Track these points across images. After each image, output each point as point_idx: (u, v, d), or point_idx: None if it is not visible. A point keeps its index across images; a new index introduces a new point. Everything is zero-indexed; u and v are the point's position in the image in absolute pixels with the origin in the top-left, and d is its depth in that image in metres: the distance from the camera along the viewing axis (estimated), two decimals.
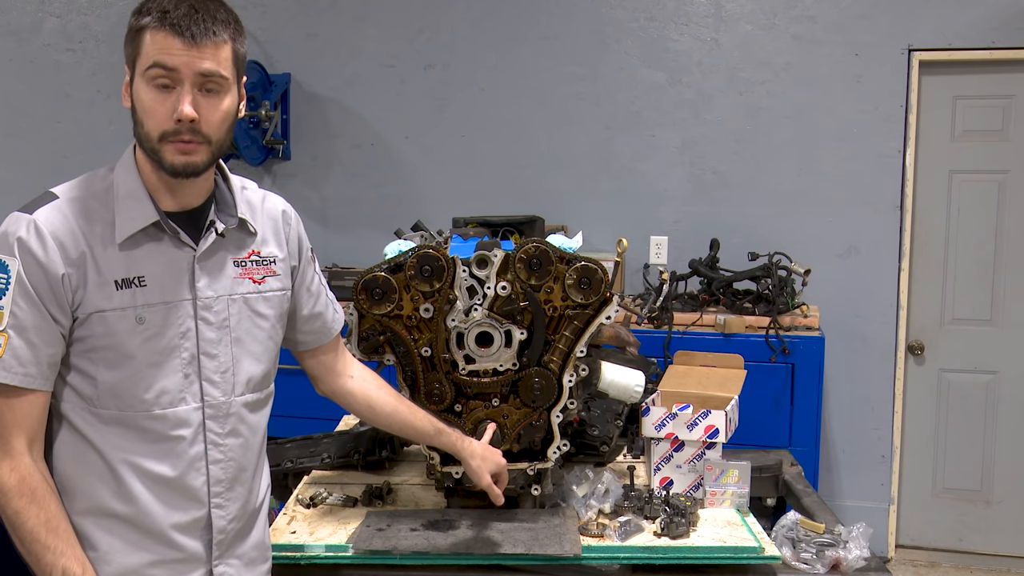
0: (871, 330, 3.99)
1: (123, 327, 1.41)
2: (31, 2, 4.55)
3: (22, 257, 1.36)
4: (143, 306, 1.42)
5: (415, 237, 2.22)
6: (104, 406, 1.42)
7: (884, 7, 3.89)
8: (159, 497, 1.46)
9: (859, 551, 1.90)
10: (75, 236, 1.39)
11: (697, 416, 2.12)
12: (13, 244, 1.36)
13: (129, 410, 1.43)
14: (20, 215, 1.39)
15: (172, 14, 1.38)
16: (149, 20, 1.40)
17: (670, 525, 1.91)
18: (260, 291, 1.55)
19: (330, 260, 4.25)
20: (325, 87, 4.39)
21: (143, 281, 1.42)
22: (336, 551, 1.86)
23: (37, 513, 1.37)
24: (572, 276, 1.89)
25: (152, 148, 1.40)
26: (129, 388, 1.42)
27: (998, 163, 3.91)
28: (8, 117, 4.61)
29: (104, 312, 1.40)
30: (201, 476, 1.49)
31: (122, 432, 1.43)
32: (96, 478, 1.44)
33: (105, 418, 1.43)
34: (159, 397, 1.44)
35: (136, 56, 1.42)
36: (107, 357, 1.41)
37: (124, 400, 1.42)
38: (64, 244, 1.38)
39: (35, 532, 1.36)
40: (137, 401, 1.43)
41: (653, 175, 4.15)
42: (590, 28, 4.15)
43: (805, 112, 4.00)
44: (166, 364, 1.44)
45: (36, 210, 1.39)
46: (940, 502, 4.07)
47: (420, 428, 1.82)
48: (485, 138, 4.28)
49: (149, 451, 1.45)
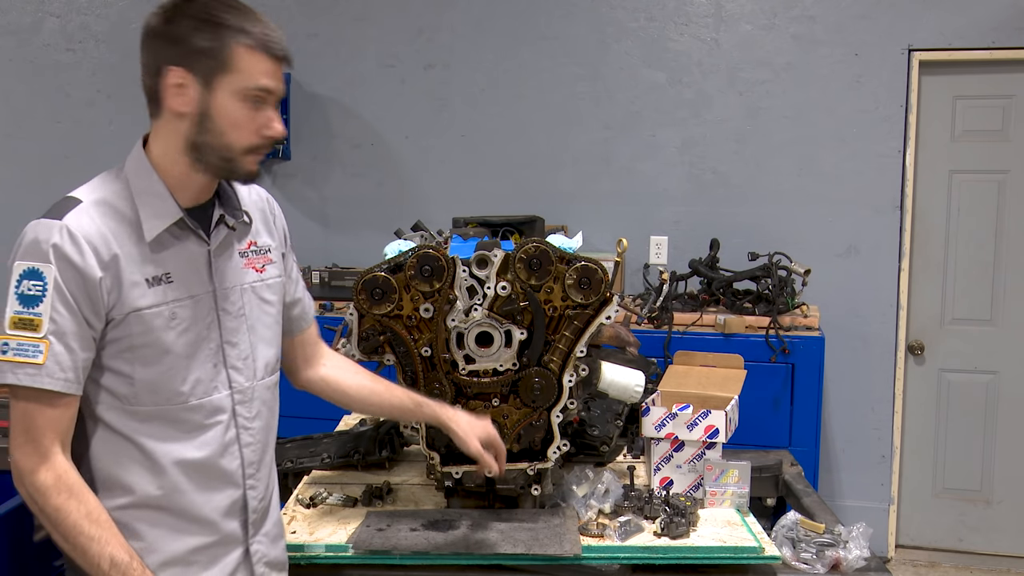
0: (871, 330, 3.99)
1: (159, 324, 1.44)
2: (31, 2, 4.55)
3: (58, 263, 1.37)
4: (173, 301, 1.46)
5: (415, 237, 2.22)
6: (141, 403, 1.45)
7: (884, 7, 3.89)
8: (199, 484, 1.51)
9: (859, 551, 1.90)
10: (105, 239, 1.40)
11: (697, 416, 2.12)
12: (48, 251, 1.37)
13: (167, 404, 1.47)
14: (50, 222, 1.39)
15: (273, 39, 1.44)
16: (245, 39, 1.42)
17: (670, 525, 1.91)
18: (263, 279, 1.61)
19: (330, 260, 4.25)
20: (325, 87, 4.39)
21: (170, 277, 1.46)
22: (336, 551, 1.86)
23: (77, 507, 1.38)
24: (572, 276, 1.89)
25: (229, 157, 1.45)
26: (167, 382, 1.46)
27: (998, 163, 3.92)
28: (8, 117, 4.61)
29: (141, 311, 1.43)
30: (236, 460, 1.55)
31: (160, 425, 1.47)
32: (138, 472, 1.46)
33: (142, 415, 1.46)
34: (194, 388, 1.49)
35: (224, 70, 1.42)
36: (145, 355, 1.44)
37: (162, 395, 1.46)
38: (97, 247, 1.39)
39: (78, 525, 1.38)
40: (174, 394, 1.47)
41: (653, 175, 4.15)
42: (590, 28, 4.15)
43: (805, 112, 4.00)
44: (197, 355, 1.49)
45: (65, 215, 1.39)
46: (940, 502, 4.08)
47: (400, 405, 1.83)
48: (485, 138, 4.28)
49: (187, 440, 1.49)
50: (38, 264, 1.37)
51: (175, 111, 1.44)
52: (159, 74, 1.43)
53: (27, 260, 1.37)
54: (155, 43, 1.43)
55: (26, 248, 1.38)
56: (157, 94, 1.45)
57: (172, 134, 1.46)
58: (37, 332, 1.36)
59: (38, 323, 1.36)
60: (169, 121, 1.45)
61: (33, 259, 1.37)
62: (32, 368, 1.36)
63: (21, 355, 1.36)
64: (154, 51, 1.43)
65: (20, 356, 1.36)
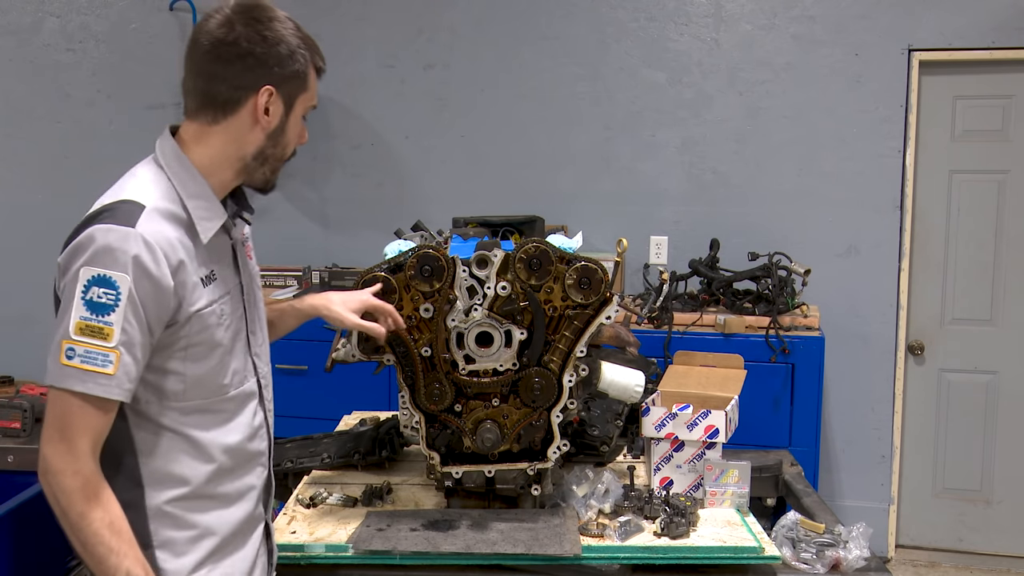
0: (871, 330, 3.99)
1: (213, 321, 1.49)
2: (31, 2, 4.55)
3: (135, 274, 1.37)
4: (220, 299, 1.52)
5: (415, 237, 2.22)
6: (188, 398, 1.49)
7: (884, 7, 3.89)
8: (240, 466, 1.58)
9: (859, 551, 1.90)
10: (173, 245, 1.42)
11: (697, 416, 2.12)
12: (127, 262, 1.36)
13: (211, 396, 1.52)
14: (123, 229, 1.38)
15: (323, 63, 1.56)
16: (318, 62, 1.54)
17: (670, 525, 1.91)
18: (256, 267, 1.71)
19: (330, 260, 4.25)
20: (325, 87, 4.34)
21: (215, 275, 1.51)
22: (336, 551, 1.86)
23: (101, 516, 1.38)
24: (572, 276, 1.89)
25: (278, 168, 1.56)
26: (214, 377, 1.52)
27: (998, 163, 3.92)
28: (8, 117, 4.60)
29: (201, 312, 1.47)
30: (264, 442, 1.64)
31: (203, 417, 1.51)
32: (189, 463, 1.50)
33: (187, 408, 1.49)
34: (233, 378, 1.55)
35: (302, 91, 1.54)
36: (198, 352, 1.48)
37: (208, 388, 1.51)
38: (168, 255, 1.41)
39: (99, 534, 1.37)
40: (218, 387, 1.53)
41: (653, 175, 4.15)
42: (590, 28, 4.15)
43: (805, 112, 4.00)
44: (234, 348, 1.55)
45: (136, 222, 1.39)
46: (940, 502, 4.08)
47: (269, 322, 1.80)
48: (485, 138, 4.28)
49: (228, 428, 1.55)
50: (111, 272, 1.36)
51: (256, 125, 1.49)
52: (248, 89, 1.47)
53: (98, 267, 1.36)
54: (250, 60, 1.46)
55: (97, 254, 1.36)
56: (235, 106, 1.48)
57: (234, 143, 1.50)
58: (107, 341, 1.36)
59: (108, 332, 1.36)
60: (236, 131, 1.49)
61: (105, 267, 1.36)
62: (103, 378, 1.36)
63: (89, 363, 1.36)
64: (248, 68, 1.46)
65: (88, 364, 1.35)
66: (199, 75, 1.48)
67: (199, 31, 1.50)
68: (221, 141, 1.50)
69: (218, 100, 1.48)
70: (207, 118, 1.49)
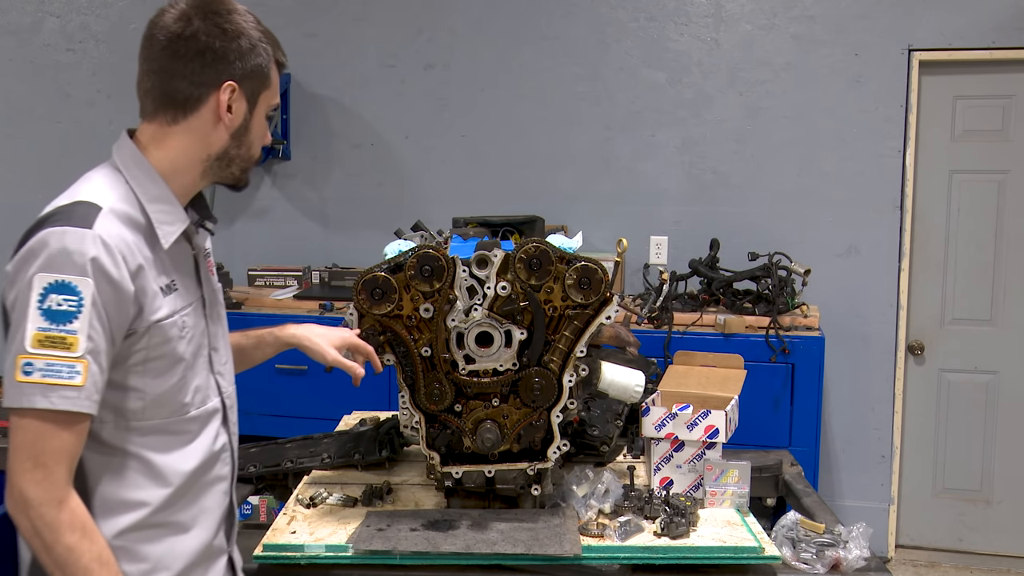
0: (871, 330, 3.99)
1: (174, 333, 1.40)
2: (31, 2, 4.55)
3: (96, 278, 1.28)
4: (181, 310, 1.43)
5: (415, 237, 2.22)
6: (148, 417, 1.40)
7: (884, 7, 3.89)
8: (200, 493, 1.48)
9: (859, 551, 1.90)
10: (131, 248, 1.34)
11: (697, 416, 2.12)
12: (86, 264, 1.27)
13: (172, 416, 1.42)
14: (79, 230, 1.29)
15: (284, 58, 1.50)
16: (279, 56, 1.48)
17: (670, 525, 1.90)
18: (220, 285, 1.62)
19: (330, 260, 4.25)
20: (325, 87, 4.39)
21: (175, 285, 1.43)
22: (336, 551, 1.86)
23: (89, 548, 1.29)
24: (572, 276, 1.89)
25: (246, 168, 1.49)
26: (174, 394, 1.42)
27: (998, 163, 3.92)
28: (8, 117, 4.60)
29: (161, 322, 1.38)
30: (226, 466, 1.54)
31: (162, 438, 1.42)
32: (145, 488, 1.40)
33: (145, 428, 1.40)
34: (194, 397, 1.46)
35: (264, 88, 1.47)
36: (158, 367, 1.39)
37: (168, 407, 1.42)
38: (127, 259, 1.33)
39: (88, 568, 1.29)
40: (179, 405, 1.43)
41: (653, 175, 4.15)
42: (590, 28, 4.15)
43: (805, 112, 4.00)
44: (196, 364, 1.46)
45: (94, 223, 1.30)
46: (940, 502, 4.08)
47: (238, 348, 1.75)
48: (485, 138, 4.28)
49: (189, 451, 1.45)
50: (70, 278, 1.27)
51: (219, 124, 1.42)
52: (210, 86, 1.40)
53: (54, 272, 1.27)
54: (209, 55, 1.39)
55: (52, 259, 1.27)
56: (196, 104, 1.41)
57: (197, 143, 1.43)
58: (72, 351, 1.26)
59: (72, 341, 1.26)
60: (198, 130, 1.42)
61: (63, 272, 1.27)
62: (71, 391, 1.26)
63: (52, 376, 1.25)
64: (208, 63, 1.39)
65: (51, 378, 1.25)
66: (156, 73, 1.40)
67: (154, 27, 1.41)
68: (182, 142, 1.42)
69: (177, 99, 1.40)
70: (166, 118, 1.42)
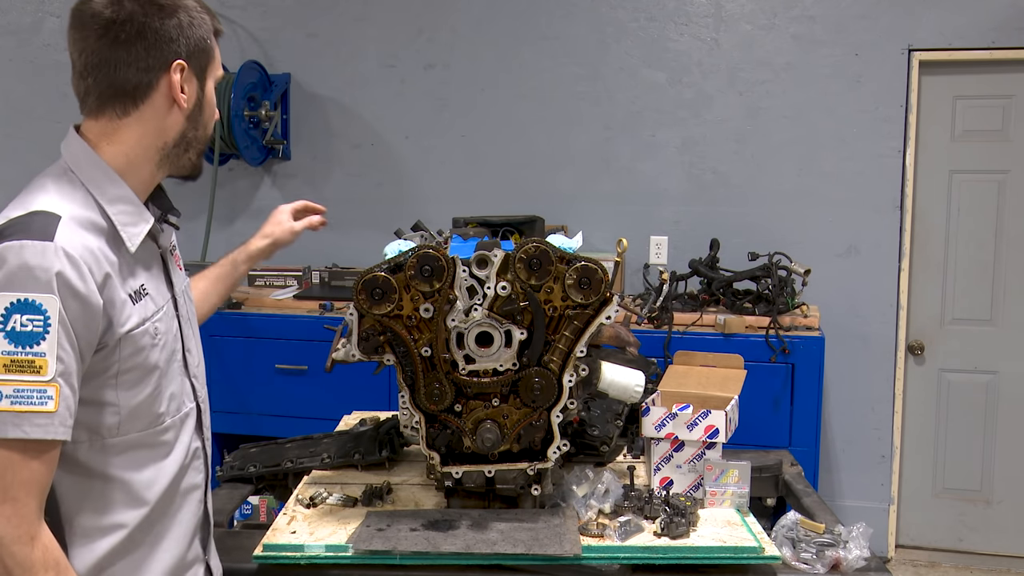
0: (871, 330, 3.99)
1: (146, 342, 1.33)
2: (31, 2, 4.55)
3: (62, 294, 1.20)
4: (152, 316, 1.35)
5: (415, 237, 2.21)
6: (124, 432, 1.33)
7: (884, 7, 3.89)
8: (175, 505, 1.42)
9: (859, 551, 1.90)
10: (97, 258, 1.26)
11: (697, 416, 2.12)
12: (52, 280, 1.19)
13: (146, 428, 1.36)
14: (39, 244, 1.20)
15: (220, 25, 1.41)
16: (220, 27, 1.40)
17: (670, 525, 1.90)
18: (188, 281, 1.57)
19: (330, 260, 4.25)
20: (325, 87, 4.39)
21: (145, 290, 1.35)
22: (336, 551, 1.86)
23: None
24: (572, 276, 1.89)
25: (202, 151, 1.41)
26: (149, 405, 1.35)
27: (998, 163, 3.92)
28: (8, 117, 4.60)
29: (132, 332, 1.30)
30: (199, 474, 1.48)
31: (138, 454, 1.35)
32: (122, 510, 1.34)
33: (121, 446, 1.33)
34: (169, 405, 1.39)
35: (210, 61, 1.39)
36: (131, 378, 1.32)
37: (143, 419, 1.35)
38: (93, 270, 1.24)
39: None
40: (154, 417, 1.37)
41: (653, 175, 4.15)
42: (590, 28, 4.15)
43: (805, 112, 4.00)
44: (170, 370, 1.40)
45: (54, 235, 1.21)
46: (940, 502, 4.08)
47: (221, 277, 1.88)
48: (485, 138, 4.28)
49: (165, 464, 1.39)
50: (34, 296, 1.18)
51: (173, 107, 1.34)
52: (158, 69, 1.32)
53: (16, 291, 1.18)
54: (151, 37, 1.30)
55: (12, 276, 1.18)
56: (146, 91, 1.32)
57: (152, 132, 1.34)
58: (41, 375, 1.18)
59: (41, 364, 1.18)
60: (152, 118, 1.34)
61: (26, 289, 1.18)
62: (43, 418, 1.19)
63: (22, 403, 1.18)
64: (151, 45, 1.30)
65: (21, 405, 1.18)
66: (97, 67, 1.31)
67: (82, 17, 1.31)
68: (136, 134, 1.34)
69: (126, 88, 1.31)
70: (115, 111, 1.33)
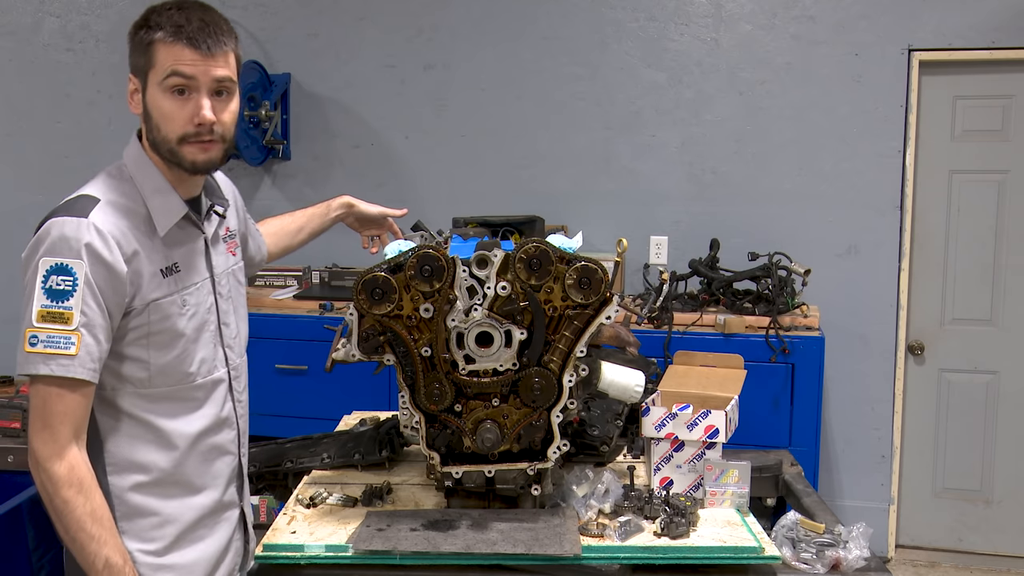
0: (871, 330, 3.99)
1: (173, 311, 1.56)
2: (31, 2, 4.55)
3: (89, 259, 1.45)
4: (183, 289, 1.59)
5: (415, 237, 2.22)
6: (155, 385, 1.56)
7: (884, 7, 3.89)
8: (206, 454, 1.64)
9: (859, 551, 1.90)
10: (126, 235, 1.51)
11: (697, 416, 2.12)
12: (81, 249, 1.45)
13: (177, 384, 1.59)
14: (76, 220, 1.46)
15: (187, 28, 1.51)
16: (162, 35, 1.52)
17: (670, 525, 1.91)
18: (238, 262, 1.78)
19: (330, 260, 4.25)
20: (325, 87, 4.39)
21: (178, 267, 1.59)
22: (336, 551, 1.86)
23: (84, 503, 1.45)
24: (572, 276, 1.89)
25: (170, 150, 1.55)
26: (178, 365, 1.58)
27: (998, 163, 3.92)
28: (8, 117, 4.60)
29: (159, 300, 1.54)
30: (233, 431, 1.71)
31: (171, 405, 1.59)
32: (152, 451, 1.57)
33: (155, 396, 1.57)
34: (200, 367, 1.62)
35: (149, 67, 1.54)
36: (160, 340, 1.55)
37: (173, 376, 1.58)
38: (120, 244, 1.49)
39: (81, 521, 1.45)
40: (184, 375, 1.59)
41: (653, 175, 4.15)
42: (590, 28, 4.15)
43: (805, 112, 4.00)
44: (201, 338, 1.62)
45: (89, 214, 1.48)
46: (940, 502, 4.08)
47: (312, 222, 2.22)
48: (485, 138, 4.28)
49: (194, 415, 1.62)
50: (67, 260, 1.45)
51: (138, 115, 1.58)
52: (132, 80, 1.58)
53: (55, 256, 1.45)
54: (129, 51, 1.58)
55: (53, 245, 1.45)
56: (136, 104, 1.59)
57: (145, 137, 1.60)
58: (68, 325, 1.44)
59: (68, 316, 1.44)
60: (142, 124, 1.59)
61: (62, 255, 1.45)
62: (65, 359, 1.44)
63: (52, 347, 1.44)
64: (129, 59, 1.59)
65: (51, 348, 1.44)
66: None
67: None
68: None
69: None
70: None
